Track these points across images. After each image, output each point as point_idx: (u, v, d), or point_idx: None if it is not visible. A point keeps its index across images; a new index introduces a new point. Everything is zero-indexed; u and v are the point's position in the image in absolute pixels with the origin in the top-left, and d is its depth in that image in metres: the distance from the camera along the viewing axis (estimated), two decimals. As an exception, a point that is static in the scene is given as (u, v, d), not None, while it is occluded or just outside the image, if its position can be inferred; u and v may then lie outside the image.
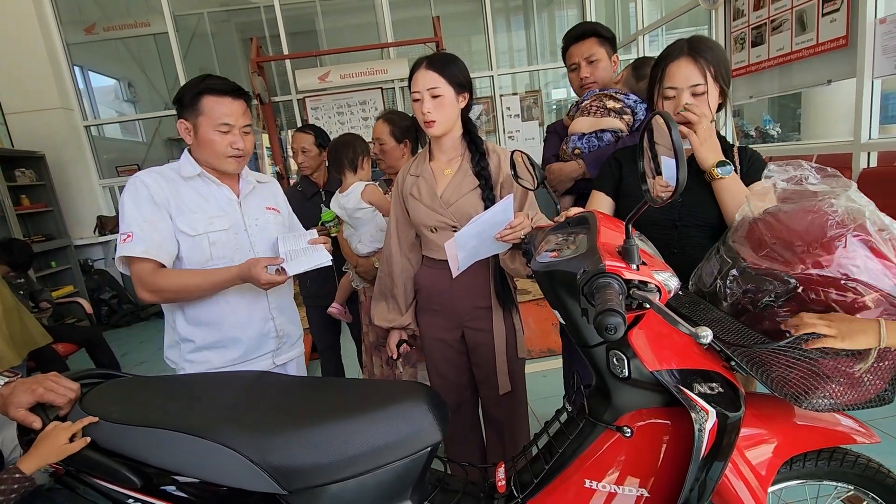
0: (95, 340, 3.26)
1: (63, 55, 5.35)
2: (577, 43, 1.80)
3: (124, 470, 0.86)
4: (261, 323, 1.40)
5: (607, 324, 0.62)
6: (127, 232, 1.25)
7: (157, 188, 1.29)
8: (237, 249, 1.35)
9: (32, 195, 4.95)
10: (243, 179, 1.42)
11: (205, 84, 1.29)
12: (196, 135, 1.31)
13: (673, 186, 0.70)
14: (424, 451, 0.91)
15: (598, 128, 1.70)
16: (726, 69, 1.23)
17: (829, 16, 2.52)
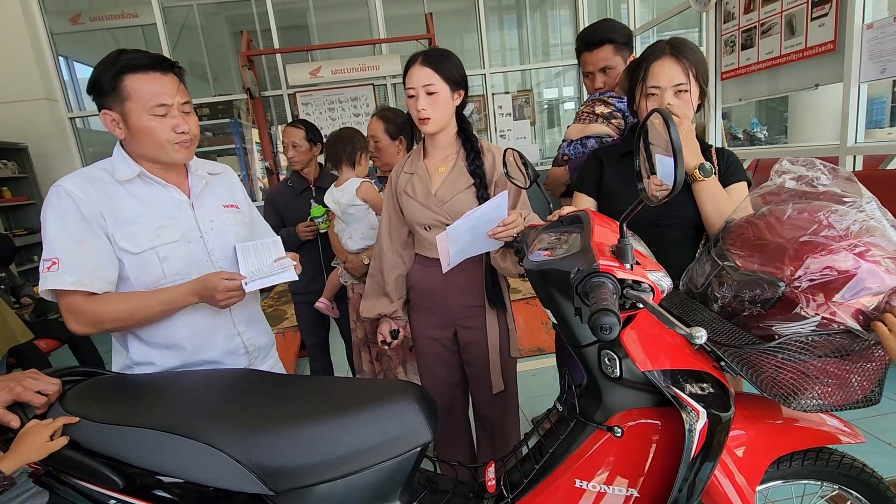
0: (78, 337, 3.19)
1: (47, 45, 5.23)
2: (590, 51, 1.73)
3: (106, 470, 0.84)
4: (226, 340, 1.21)
5: (602, 323, 0.61)
6: (51, 258, 1.02)
7: (86, 198, 1.05)
8: (193, 262, 1.14)
9: (14, 188, 4.84)
10: (193, 174, 1.20)
11: (123, 61, 1.04)
12: (127, 125, 1.07)
13: (669, 185, 0.70)
14: (414, 450, 0.90)
15: (584, 134, 1.71)
16: (705, 70, 1.26)
17: (818, 20, 2.55)
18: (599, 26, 1.76)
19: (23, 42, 4.95)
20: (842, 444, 0.99)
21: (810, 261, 0.83)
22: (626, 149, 1.35)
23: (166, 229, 1.12)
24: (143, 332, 1.14)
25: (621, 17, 6.20)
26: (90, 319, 1.06)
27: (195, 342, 1.17)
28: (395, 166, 1.58)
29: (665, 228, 1.29)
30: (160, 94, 1.06)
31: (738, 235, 0.97)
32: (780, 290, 0.84)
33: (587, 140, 1.70)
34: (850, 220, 0.85)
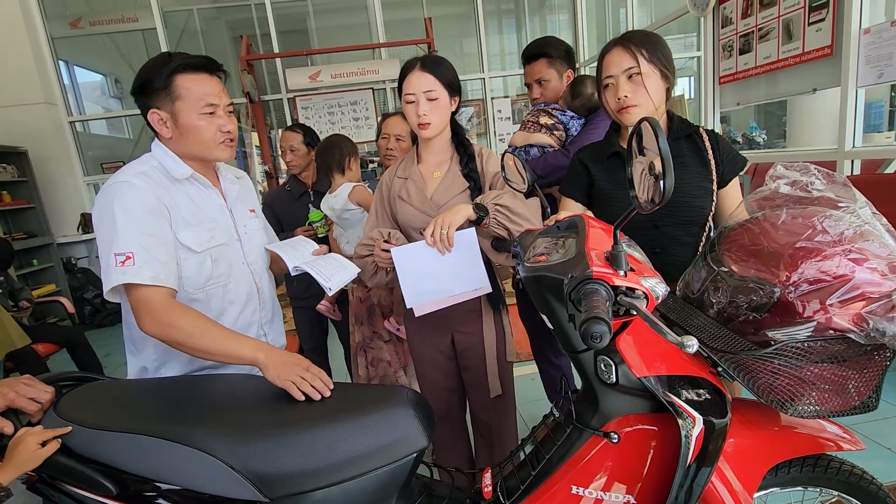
0: (77, 341, 3.19)
1: (48, 49, 5.25)
2: (528, 64, 1.91)
3: (100, 477, 0.83)
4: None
5: (592, 332, 0.61)
6: (125, 252, 0.99)
7: (152, 193, 1.06)
8: (232, 265, 1.16)
9: (14, 191, 4.85)
10: (224, 178, 1.23)
11: (176, 62, 1.07)
12: (176, 124, 1.09)
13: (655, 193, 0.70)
14: (410, 456, 0.89)
15: (528, 142, 1.83)
16: (664, 53, 1.24)
17: (815, 25, 2.56)
18: (537, 42, 1.92)
19: (23, 46, 4.98)
20: (842, 450, 0.99)
21: (804, 266, 0.83)
22: (610, 149, 1.34)
23: (217, 232, 1.15)
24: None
25: (619, 21, 6.23)
26: (163, 320, 1.00)
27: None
28: (387, 170, 1.58)
29: (664, 228, 1.28)
30: (210, 95, 1.09)
31: (734, 241, 0.97)
32: (775, 295, 0.84)
33: (530, 148, 1.82)
34: (844, 225, 0.85)
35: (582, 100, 1.85)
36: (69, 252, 5.30)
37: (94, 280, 5.24)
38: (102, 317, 5.09)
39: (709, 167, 1.27)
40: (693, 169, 1.28)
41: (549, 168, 1.76)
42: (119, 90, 6.92)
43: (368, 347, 2.10)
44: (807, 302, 0.82)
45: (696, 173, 1.27)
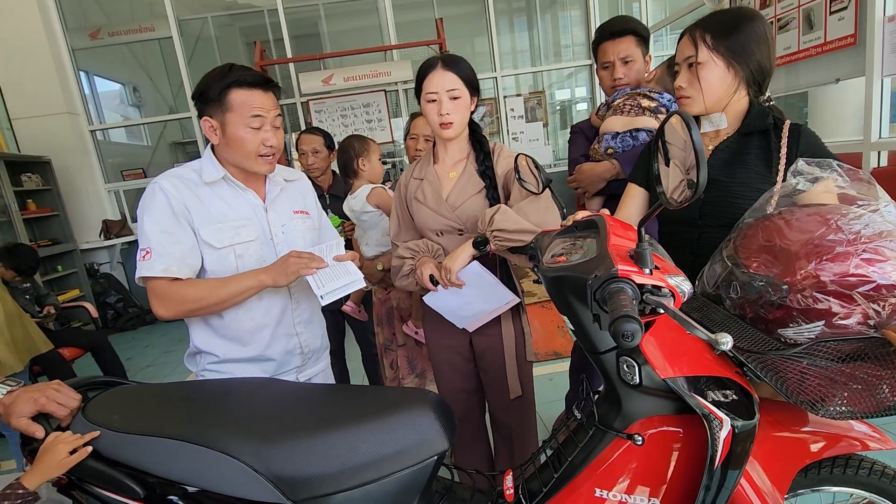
0: (101, 345, 3.26)
1: (68, 60, 5.38)
2: (612, 40, 1.71)
3: (127, 479, 0.85)
4: (285, 339, 1.29)
5: (624, 330, 0.60)
6: (145, 248, 1.15)
7: (177, 195, 1.17)
8: (263, 262, 1.23)
9: (38, 200, 4.97)
10: (270, 181, 1.30)
11: (232, 76, 1.15)
12: (224, 133, 1.18)
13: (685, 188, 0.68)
14: (431, 459, 0.89)
15: (632, 127, 1.65)
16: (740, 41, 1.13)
17: (837, 14, 2.49)
18: (623, 18, 1.77)
19: (45, 58, 5.10)
20: (871, 450, 0.96)
21: (815, 265, 0.80)
22: None
23: (245, 229, 1.23)
24: (210, 320, 1.23)
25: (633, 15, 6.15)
26: (173, 300, 1.15)
27: (257, 337, 1.25)
28: (404, 171, 1.58)
29: (707, 229, 1.21)
30: (258, 108, 1.17)
31: (749, 237, 0.95)
32: (784, 294, 0.82)
33: (638, 133, 1.65)
34: (861, 224, 0.82)
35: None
36: (92, 258, 5.42)
37: (116, 285, 5.36)
38: (124, 321, 5.20)
39: (772, 168, 1.14)
40: (753, 169, 1.16)
41: None
42: (137, 99, 7.07)
43: (389, 349, 2.11)
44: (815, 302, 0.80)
45: (754, 174, 1.15)
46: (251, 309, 1.23)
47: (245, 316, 1.23)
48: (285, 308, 1.29)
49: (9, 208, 4.46)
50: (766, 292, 0.85)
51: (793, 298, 0.83)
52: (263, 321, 1.25)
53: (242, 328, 1.24)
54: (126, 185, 5.72)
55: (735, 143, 1.19)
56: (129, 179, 5.73)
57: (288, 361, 1.31)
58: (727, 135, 1.21)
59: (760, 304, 0.88)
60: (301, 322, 1.33)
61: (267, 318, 1.26)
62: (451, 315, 1.43)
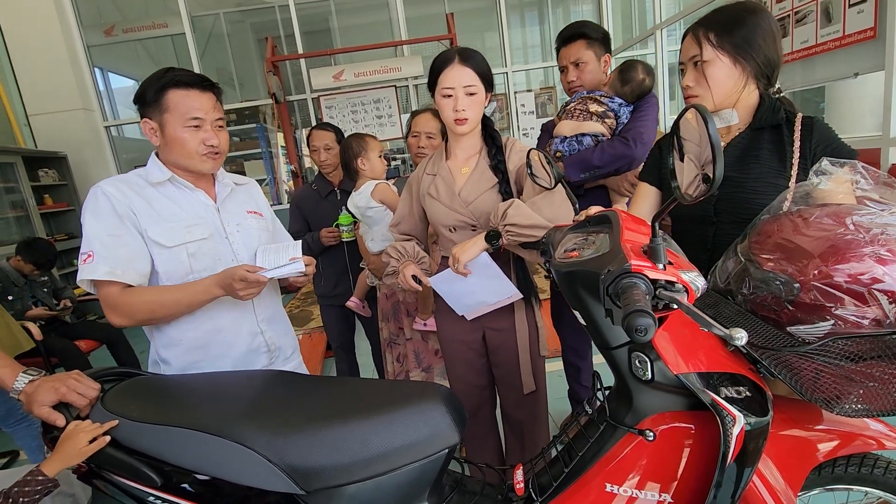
0: (116, 337, 3.32)
1: (84, 57, 5.45)
2: (565, 46, 1.82)
3: (145, 468, 0.87)
4: (249, 338, 1.27)
5: (637, 325, 0.59)
6: (87, 251, 1.10)
7: (121, 198, 1.14)
8: (218, 260, 1.22)
9: (55, 195, 5.06)
10: (219, 182, 1.29)
11: (168, 77, 1.14)
12: (163, 134, 1.17)
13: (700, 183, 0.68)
14: (442, 452, 0.90)
15: (579, 131, 1.73)
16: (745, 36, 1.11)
17: (857, 6, 2.44)
18: (575, 23, 1.85)
19: (61, 55, 5.18)
20: (886, 449, 0.95)
21: (831, 264, 0.80)
22: None
23: (196, 228, 1.20)
24: (167, 327, 1.20)
25: (645, 11, 6.08)
26: (124, 311, 1.12)
27: (218, 338, 1.23)
28: (417, 167, 1.58)
29: (722, 225, 1.19)
30: (196, 109, 1.16)
31: (764, 234, 0.94)
32: (796, 291, 0.81)
33: (583, 137, 1.72)
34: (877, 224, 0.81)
35: (632, 86, 1.74)
36: (107, 252, 5.50)
37: (131, 279, 5.43)
38: (139, 314, 5.27)
39: (786, 162, 1.12)
40: (766, 164, 1.14)
41: (608, 158, 1.64)
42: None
43: (395, 343, 2.12)
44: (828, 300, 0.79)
45: (768, 169, 1.14)
46: (209, 310, 1.20)
47: (203, 317, 1.20)
48: (245, 306, 1.26)
49: (27, 203, 4.54)
50: (779, 290, 0.84)
51: (805, 297, 0.82)
52: (222, 321, 1.23)
53: (202, 328, 1.21)
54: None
55: (747, 139, 1.18)
56: (143, 175, 5.80)
57: (254, 360, 1.28)
58: (739, 130, 1.20)
59: (772, 301, 0.87)
60: (264, 319, 1.31)
61: (227, 317, 1.24)
62: (453, 301, 1.44)
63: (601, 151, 1.65)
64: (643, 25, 6.09)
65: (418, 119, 2.01)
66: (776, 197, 1.11)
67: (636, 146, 1.63)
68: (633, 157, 1.64)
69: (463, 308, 1.46)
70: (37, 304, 3.25)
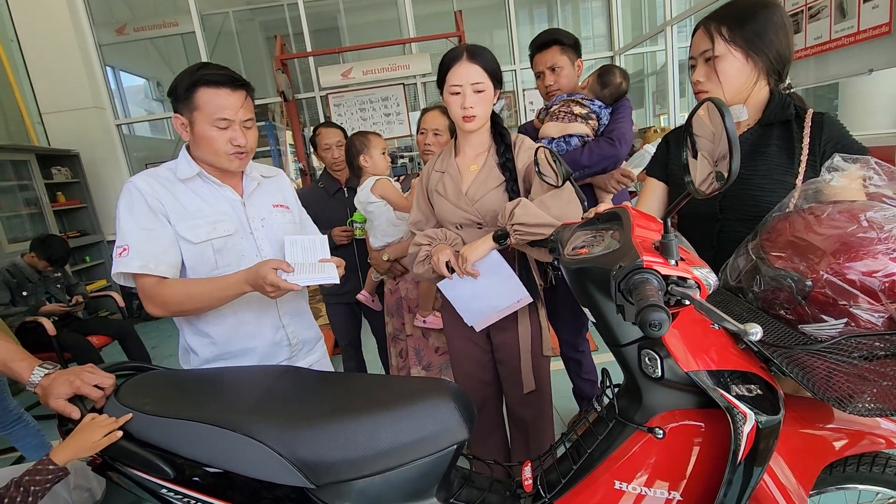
0: (127, 333, 3.36)
1: (96, 56, 5.51)
2: (540, 52, 1.90)
3: (158, 461, 0.88)
4: (271, 332, 1.29)
5: (651, 320, 0.59)
6: (122, 245, 1.14)
7: (152, 192, 1.17)
8: (243, 256, 1.24)
9: (68, 192, 5.13)
10: (247, 176, 1.31)
11: (199, 74, 1.15)
12: (192, 131, 1.18)
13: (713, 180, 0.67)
14: (451, 448, 0.90)
15: (566, 133, 1.79)
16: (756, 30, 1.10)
17: (872, 2, 2.40)
18: (546, 31, 1.93)
19: (74, 54, 5.23)
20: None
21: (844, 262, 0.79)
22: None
23: (221, 224, 1.22)
24: (195, 319, 1.24)
25: (655, 7, 6.02)
26: (158, 302, 1.16)
27: (242, 331, 1.25)
28: (427, 163, 1.58)
29: (727, 222, 1.18)
30: (224, 109, 1.16)
31: (776, 231, 0.93)
32: (807, 290, 0.80)
33: (570, 138, 1.79)
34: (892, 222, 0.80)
35: (611, 89, 1.83)
36: (118, 249, 5.56)
37: (142, 275, 5.48)
38: (149, 311, 5.33)
39: (794, 159, 1.11)
40: (774, 160, 1.12)
41: (597, 157, 1.74)
42: (161, 93, 7.19)
43: (398, 339, 2.13)
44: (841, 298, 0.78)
45: (776, 165, 1.12)
46: (233, 304, 1.22)
47: (226, 310, 1.23)
48: (268, 300, 1.27)
49: (40, 200, 4.61)
50: (791, 287, 0.84)
51: (817, 294, 0.81)
52: (246, 315, 1.25)
53: (225, 322, 1.24)
54: (150, 178, 5.84)
55: (756, 135, 1.16)
56: (154, 172, 5.85)
57: (276, 353, 1.30)
58: (748, 126, 1.18)
59: (784, 299, 0.87)
60: (287, 314, 1.32)
61: (249, 311, 1.26)
62: (462, 307, 1.43)
63: (589, 152, 1.74)
64: (653, 22, 6.03)
65: (426, 116, 2.03)
66: (782, 194, 1.10)
67: (621, 146, 1.75)
68: (618, 157, 1.76)
69: (472, 316, 1.43)
70: (50, 300, 3.30)
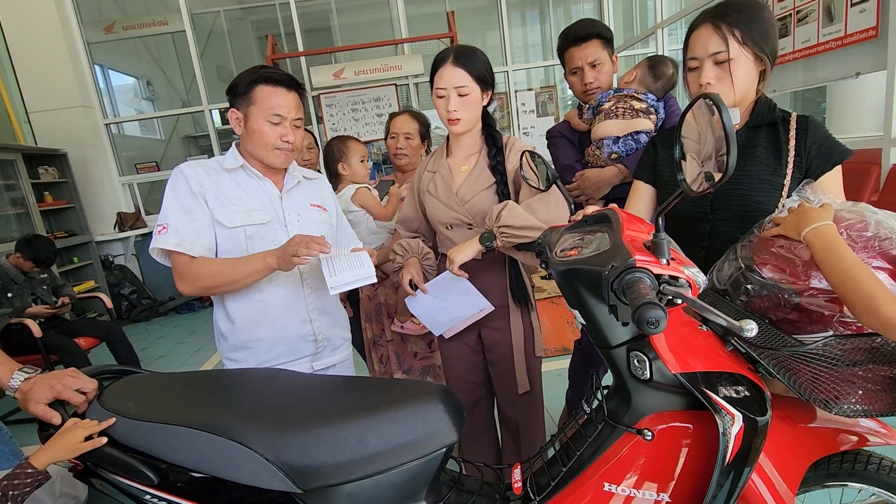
0: (115, 335, 3.32)
1: (84, 54, 5.45)
2: (577, 45, 1.71)
3: (141, 466, 0.86)
4: (298, 325, 1.34)
5: (648, 317, 0.59)
6: (162, 223, 1.24)
7: (195, 176, 1.27)
8: (274, 245, 1.28)
9: (55, 192, 5.05)
10: (289, 174, 1.38)
11: (260, 73, 1.26)
12: (246, 125, 1.27)
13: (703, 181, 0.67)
14: (440, 451, 0.89)
15: (631, 130, 1.64)
16: (762, 30, 1.09)
17: (859, 6, 2.44)
18: (586, 22, 1.75)
19: (61, 52, 5.17)
20: (879, 445, 0.95)
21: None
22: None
23: (257, 213, 1.30)
24: (225, 301, 1.31)
25: (647, 10, 6.07)
26: (189, 279, 1.23)
27: (266, 319, 1.31)
28: (419, 165, 1.58)
29: (718, 223, 1.18)
30: (279, 106, 1.26)
31: (764, 240, 0.94)
32: (794, 301, 0.81)
33: (638, 135, 1.64)
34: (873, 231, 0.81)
35: (663, 81, 1.70)
36: (107, 250, 5.51)
37: (131, 276, 5.44)
38: (138, 312, 5.28)
39: (782, 160, 1.12)
40: (762, 161, 1.14)
41: None
42: (151, 92, 7.13)
43: (378, 344, 2.12)
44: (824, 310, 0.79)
45: (764, 166, 1.13)
46: (260, 291, 1.30)
47: (255, 296, 1.30)
48: (296, 293, 1.34)
49: (27, 200, 4.54)
50: (777, 298, 0.85)
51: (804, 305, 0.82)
52: (272, 304, 1.31)
53: (252, 310, 1.30)
54: (140, 178, 5.79)
55: (744, 136, 1.17)
56: (143, 172, 5.80)
57: (300, 348, 1.35)
58: (737, 128, 1.19)
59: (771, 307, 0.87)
60: (315, 309, 1.37)
61: (276, 301, 1.32)
62: (428, 320, 1.47)
63: (658, 132, 1.59)
64: (644, 24, 6.08)
65: (396, 120, 2.03)
66: (771, 194, 1.13)
67: None
68: None
69: (439, 327, 1.48)
70: (36, 302, 3.25)
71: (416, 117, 2.03)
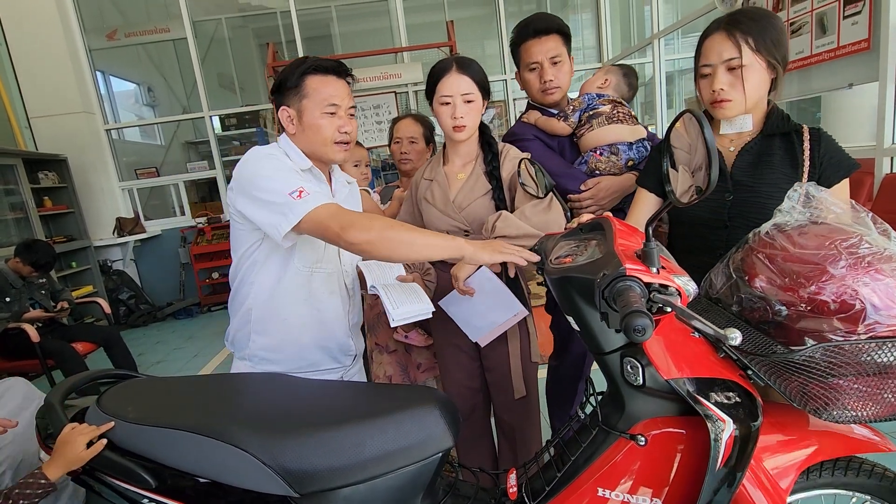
0: (113, 340, 3.32)
1: (86, 60, 5.48)
2: (538, 38, 1.55)
3: (140, 470, 0.87)
4: (343, 337, 1.34)
5: (635, 325, 0.61)
6: (297, 188, 1.08)
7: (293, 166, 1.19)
8: (326, 246, 1.24)
9: (55, 197, 5.06)
10: (335, 179, 1.33)
11: (308, 63, 1.18)
12: (301, 121, 1.19)
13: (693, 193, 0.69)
14: (436, 456, 0.90)
15: (638, 136, 1.57)
16: (775, 39, 1.11)
17: (851, 18, 2.48)
18: (545, 15, 1.59)
19: (63, 58, 5.20)
20: (871, 452, 0.96)
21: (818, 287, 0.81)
22: None
23: None
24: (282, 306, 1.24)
25: (644, 20, 6.13)
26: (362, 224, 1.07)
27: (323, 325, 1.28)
28: (416, 172, 1.60)
29: (734, 230, 1.17)
30: (333, 95, 1.18)
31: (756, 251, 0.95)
32: (782, 314, 0.82)
33: (644, 142, 1.58)
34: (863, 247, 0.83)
35: (633, 92, 1.68)
36: (105, 255, 5.50)
37: (129, 282, 5.43)
38: (136, 317, 5.27)
39: (798, 170, 1.14)
40: (779, 170, 1.15)
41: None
42: (151, 98, 7.17)
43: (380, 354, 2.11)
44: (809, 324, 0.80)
45: (781, 175, 1.14)
46: (320, 300, 1.26)
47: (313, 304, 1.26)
48: (344, 307, 1.33)
49: (26, 205, 4.55)
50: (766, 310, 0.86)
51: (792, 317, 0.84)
52: (327, 312, 1.29)
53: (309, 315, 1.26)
54: (140, 184, 5.81)
55: (759, 145, 1.19)
56: (143, 178, 5.82)
57: (339, 359, 1.35)
58: (751, 136, 1.20)
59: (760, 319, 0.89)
60: (354, 325, 1.39)
61: (330, 310, 1.29)
62: (464, 324, 1.42)
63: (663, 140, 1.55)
64: (641, 34, 6.14)
65: (399, 125, 2.01)
66: None
67: None
68: None
69: (475, 332, 1.42)
70: (34, 307, 3.25)
71: (419, 121, 2.01)
